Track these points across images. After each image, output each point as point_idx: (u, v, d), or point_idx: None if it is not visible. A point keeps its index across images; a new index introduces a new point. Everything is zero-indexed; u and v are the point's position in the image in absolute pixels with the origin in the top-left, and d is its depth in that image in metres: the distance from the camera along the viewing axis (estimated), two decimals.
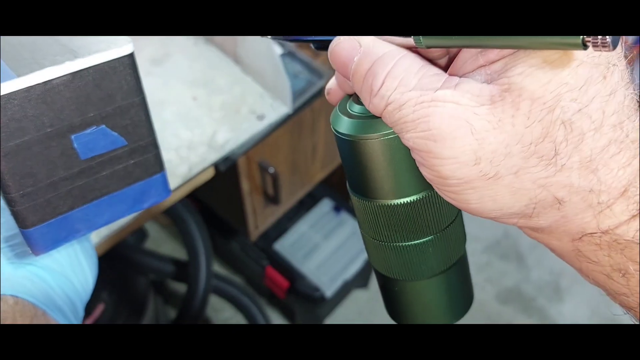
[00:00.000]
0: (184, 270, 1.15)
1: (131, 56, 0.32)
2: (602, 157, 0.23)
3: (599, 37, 0.19)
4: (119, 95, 0.32)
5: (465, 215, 0.31)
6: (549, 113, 0.22)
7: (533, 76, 0.22)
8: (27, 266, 0.38)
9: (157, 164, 0.36)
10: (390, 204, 0.28)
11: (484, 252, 1.66)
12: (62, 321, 0.38)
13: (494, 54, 0.24)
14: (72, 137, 0.31)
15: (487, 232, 1.67)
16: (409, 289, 0.32)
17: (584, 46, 0.20)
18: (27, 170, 0.31)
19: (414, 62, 0.25)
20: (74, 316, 0.40)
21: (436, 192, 0.27)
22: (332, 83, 0.31)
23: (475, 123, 0.23)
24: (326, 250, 1.35)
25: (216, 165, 0.78)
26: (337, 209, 1.41)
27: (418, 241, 0.30)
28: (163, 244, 1.61)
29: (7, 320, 0.34)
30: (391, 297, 0.34)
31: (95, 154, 0.32)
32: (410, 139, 0.24)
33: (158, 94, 0.80)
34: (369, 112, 0.27)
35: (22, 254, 0.38)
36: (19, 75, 0.29)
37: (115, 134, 0.33)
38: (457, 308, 0.33)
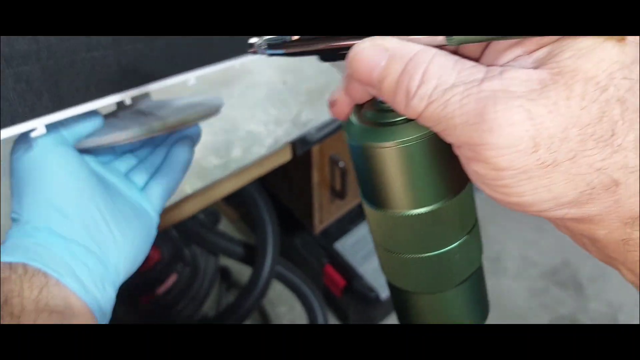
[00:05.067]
0: (251, 254, 1.22)
1: None
2: None
3: None
4: None
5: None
6: (603, 92, 0.22)
7: (585, 57, 0.22)
8: (39, 232, 0.37)
9: None
10: (411, 214, 0.28)
11: (541, 277, 1.65)
12: (78, 290, 0.36)
13: (532, 43, 0.23)
14: None
15: (546, 258, 1.66)
16: (428, 301, 0.32)
17: None
18: None
19: (447, 58, 0.24)
20: (96, 289, 0.38)
21: (451, 202, 0.28)
22: (337, 94, 0.30)
23: (531, 108, 0.22)
24: None
25: (294, 148, 0.85)
26: None
27: (439, 251, 0.30)
28: None
29: (14, 292, 0.33)
30: (407, 310, 0.34)
31: None
32: (460, 134, 0.23)
33: (254, 77, 0.90)
34: (383, 119, 0.27)
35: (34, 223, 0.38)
36: None
37: None
38: (476, 317, 0.34)
